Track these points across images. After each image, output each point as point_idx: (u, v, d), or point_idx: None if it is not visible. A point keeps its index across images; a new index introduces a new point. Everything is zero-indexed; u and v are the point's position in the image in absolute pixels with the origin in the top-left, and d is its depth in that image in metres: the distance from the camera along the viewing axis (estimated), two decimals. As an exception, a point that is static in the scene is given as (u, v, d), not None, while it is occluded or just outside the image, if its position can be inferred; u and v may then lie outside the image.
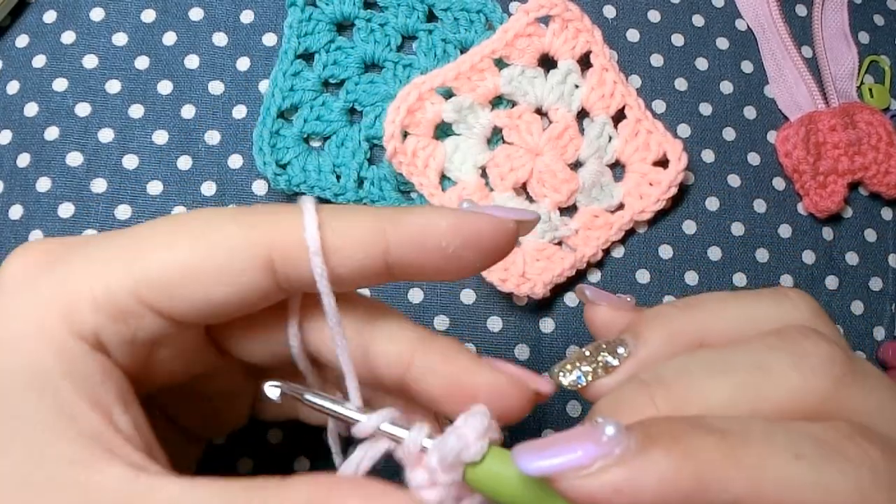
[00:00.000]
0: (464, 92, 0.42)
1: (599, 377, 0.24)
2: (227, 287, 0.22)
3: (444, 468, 0.22)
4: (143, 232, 0.22)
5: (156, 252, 0.22)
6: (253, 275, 0.22)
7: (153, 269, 0.21)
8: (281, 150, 0.41)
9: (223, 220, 0.22)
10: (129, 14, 0.44)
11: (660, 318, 0.25)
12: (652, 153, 0.43)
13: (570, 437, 0.20)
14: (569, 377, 0.25)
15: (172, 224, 0.23)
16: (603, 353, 0.25)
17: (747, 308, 0.24)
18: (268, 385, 0.23)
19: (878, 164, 0.45)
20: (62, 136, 0.42)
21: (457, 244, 0.23)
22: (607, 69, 0.43)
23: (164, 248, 0.22)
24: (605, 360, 0.25)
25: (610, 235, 0.42)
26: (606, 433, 0.19)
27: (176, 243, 0.22)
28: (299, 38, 0.43)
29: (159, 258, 0.22)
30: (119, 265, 0.22)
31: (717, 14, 0.47)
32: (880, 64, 0.48)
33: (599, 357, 0.25)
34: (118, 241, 0.22)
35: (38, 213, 0.41)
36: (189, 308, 0.22)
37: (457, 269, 0.24)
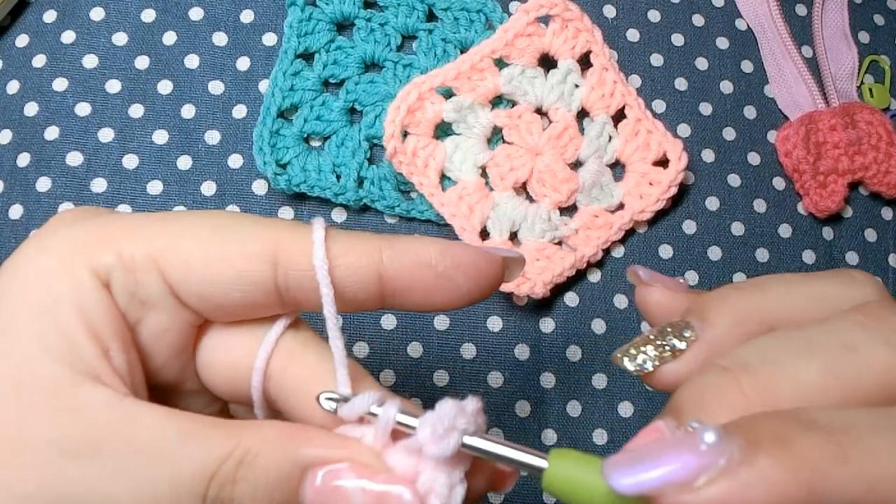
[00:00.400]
0: (464, 92, 0.42)
1: (666, 362, 0.23)
2: (231, 271, 0.23)
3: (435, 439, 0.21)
4: (173, 215, 0.24)
5: (182, 232, 0.23)
6: (259, 266, 0.23)
7: (177, 244, 0.23)
8: (281, 150, 0.41)
9: (242, 216, 0.24)
10: (129, 14, 0.44)
11: (726, 300, 0.24)
12: (652, 153, 0.43)
13: (663, 447, 0.18)
14: (634, 362, 0.24)
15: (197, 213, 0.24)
16: (669, 336, 0.23)
17: (815, 288, 0.24)
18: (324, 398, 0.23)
19: (879, 163, 0.45)
20: (62, 135, 0.42)
21: (447, 263, 0.24)
22: (607, 69, 0.43)
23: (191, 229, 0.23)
24: (671, 344, 0.23)
25: (610, 235, 0.42)
26: (706, 441, 0.18)
27: (201, 227, 0.23)
28: (299, 38, 0.43)
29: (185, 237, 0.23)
30: (147, 234, 0.23)
31: (717, 14, 0.47)
32: (880, 64, 0.48)
33: (665, 340, 0.23)
34: (150, 217, 0.24)
35: (38, 212, 0.41)
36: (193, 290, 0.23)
37: (446, 290, 0.24)
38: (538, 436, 0.40)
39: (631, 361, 0.24)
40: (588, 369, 0.41)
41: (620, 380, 0.41)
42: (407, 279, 0.24)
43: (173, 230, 0.23)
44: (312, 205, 0.42)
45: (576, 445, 0.40)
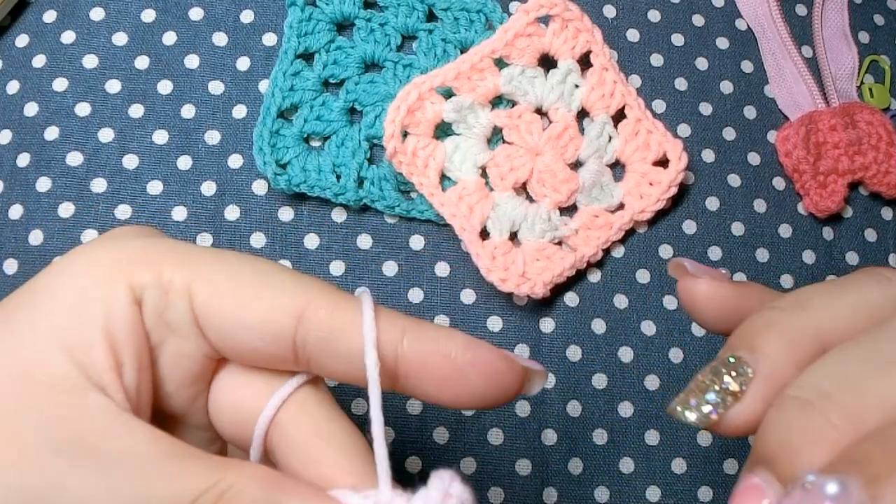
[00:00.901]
0: (464, 92, 0.42)
1: (729, 406, 0.22)
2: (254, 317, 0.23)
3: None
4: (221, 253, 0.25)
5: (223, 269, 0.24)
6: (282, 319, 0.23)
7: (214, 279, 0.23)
8: (281, 150, 0.41)
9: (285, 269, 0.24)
10: (129, 14, 0.44)
11: (773, 325, 0.23)
12: (652, 153, 0.43)
13: None
14: (696, 413, 0.22)
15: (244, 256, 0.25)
16: (724, 377, 0.22)
17: (856, 295, 0.23)
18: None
19: (879, 163, 0.45)
20: (62, 136, 0.42)
21: (466, 358, 0.23)
22: (607, 69, 0.43)
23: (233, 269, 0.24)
24: (728, 386, 0.22)
25: (610, 235, 0.42)
26: (829, 493, 0.17)
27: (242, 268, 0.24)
28: (299, 38, 0.43)
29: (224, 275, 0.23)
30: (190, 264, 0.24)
31: (717, 14, 0.47)
32: (880, 64, 0.48)
33: (723, 383, 0.22)
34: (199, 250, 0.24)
35: (38, 212, 0.41)
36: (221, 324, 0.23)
37: (460, 387, 0.24)
38: (538, 436, 0.40)
39: (694, 413, 0.22)
40: (588, 369, 0.41)
41: (620, 380, 0.41)
42: (423, 366, 0.24)
43: (215, 264, 0.24)
44: (312, 205, 0.42)
45: (576, 445, 0.40)
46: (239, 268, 0.24)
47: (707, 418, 0.22)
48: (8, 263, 0.40)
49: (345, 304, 0.23)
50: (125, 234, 0.25)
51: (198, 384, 0.25)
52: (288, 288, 0.23)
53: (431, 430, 0.40)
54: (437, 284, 0.41)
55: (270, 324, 0.23)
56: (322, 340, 0.23)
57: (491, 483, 0.39)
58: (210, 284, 0.23)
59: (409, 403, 0.40)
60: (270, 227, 0.41)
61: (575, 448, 0.40)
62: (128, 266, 0.23)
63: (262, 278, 0.23)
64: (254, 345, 0.23)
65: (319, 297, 0.23)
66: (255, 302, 0.23)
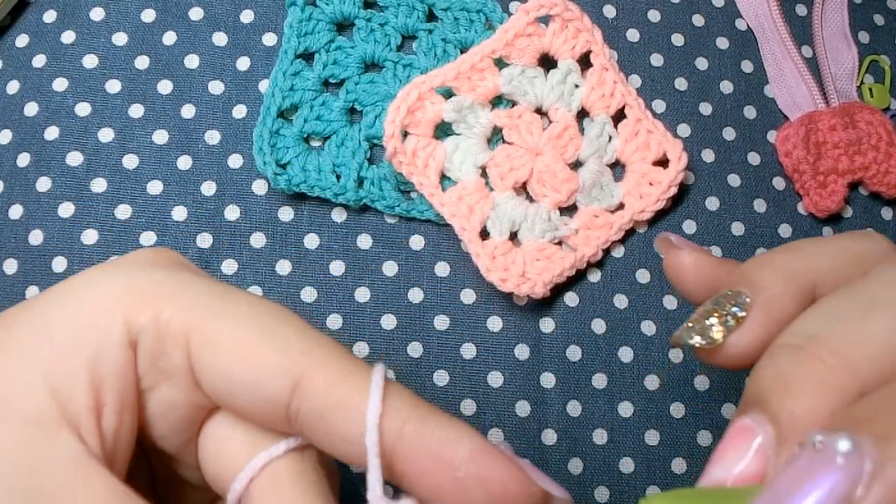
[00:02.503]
0: (464, 92, 0.42)
1: (732, 330, 0.22)
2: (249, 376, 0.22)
3: None
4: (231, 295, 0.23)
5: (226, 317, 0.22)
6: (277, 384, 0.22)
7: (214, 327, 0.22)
8: (281, 150, 0.41)
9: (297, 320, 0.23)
10: (129, 14, 0.44)
11: (769, 263, 0.23)
12: (652, 153, 0.43)
13: (800, 476, 0.17)
14: (704, 335, 0.23)
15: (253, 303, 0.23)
16: (725, 305, 0.23)
17: (844, 246, 0.24)
18: None
19: (879, 163, 0.45)
20: (62, 135, 0.42)
21: (471, 472, 0.21)
22: (607, 69, 0.43)
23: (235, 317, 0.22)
24: (731, 312, 0.22)
25: (610, 235, 0.42)
26: (842, 451, 0.17)
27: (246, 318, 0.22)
28: (299, 38, 0.43)
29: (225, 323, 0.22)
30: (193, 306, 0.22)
31: (717, 14, 0.47)
32: (880, 64, 0.48)
33: (724, 309, 0.23)
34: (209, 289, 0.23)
35: (38, 212, 0.41)
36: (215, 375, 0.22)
37: (458, 500, 0.21)
38: (538, 436, 0.40)
39: (700, 335, 0.23)
40: (588, 369, 0.41)
41: (620, 380, 0.41)
42: (419, 469, 0.21)
43: (220, 312, 0.22)
44: (312, 205, 0.42)
45: (576, 445, 0.40)
46: (244, 319, 0.22)
47: (712, 340, 0.22)
48: (8, 263, 0.40)
49: (345, 376, 0.22)
50: (139, 263, 0.23)
51: (191, 429, 0.24)
52: (290, 350, 0.22)
53: (431, 430, 0.39)
54: (437, 284, 0.41)
55: (265, 389, 0.21)
56: (315, 415, 0.21)
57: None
58: (209, 336, 0.22)
59: (409, 403, 0.40)
60: (270, 227, 0.41)
61: (575, 448, 0.40)
62: (128, 302, 0.22)
63: (265, 335, 0.22)
64: (246, 406, 0.22)
65: (321, 364, 0.22)
66: (252, 361, 0.21)
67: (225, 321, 0.22)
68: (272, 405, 0.22)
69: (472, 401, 0.40)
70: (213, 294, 0.23)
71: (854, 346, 0.20)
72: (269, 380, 0.21)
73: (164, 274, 0.23)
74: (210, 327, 0.22)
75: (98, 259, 0.40)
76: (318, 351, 0.22)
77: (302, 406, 0.21)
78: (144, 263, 0.23)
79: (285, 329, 0.22)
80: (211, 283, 0.23)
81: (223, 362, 0.22)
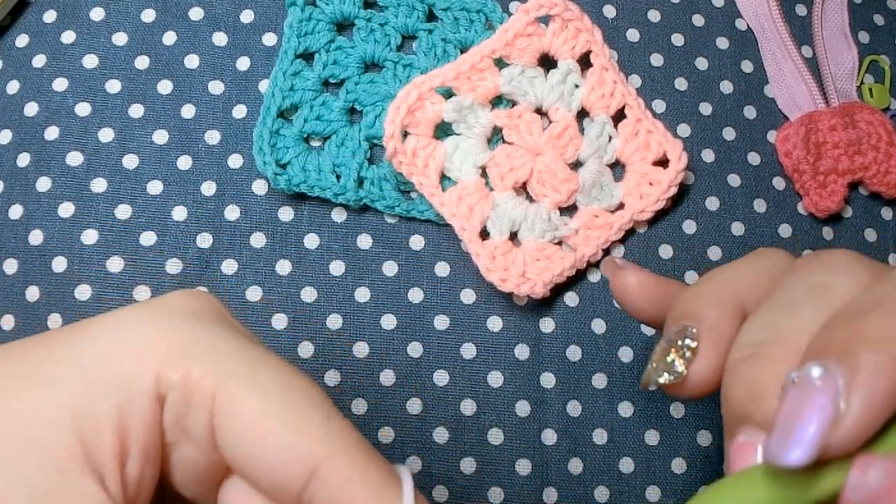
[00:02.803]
0: (464, 92, 0.42)
1: (691, 361, 0.25)
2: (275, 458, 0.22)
3: None
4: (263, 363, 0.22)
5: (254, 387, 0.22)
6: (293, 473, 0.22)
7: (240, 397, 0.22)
8: (281, 150, 0.41)
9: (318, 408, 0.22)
10: (129, 14, 0.44)
11: (701, 294, 0.26)
12: (652, 153, 0.43)
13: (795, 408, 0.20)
14: (668, 373, 0.25)
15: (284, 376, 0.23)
16: (677, 341, 0.25)
17: (757, 264, 0.27)
18: None
19: (879, 163, 0.45)
20: (62, 135, 0.42)
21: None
22: (607, 69, 0.43)
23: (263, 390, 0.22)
24: (686, 344, 0.25)
25: (610, 235, 0.42)
26: (816, 376, 0.20)
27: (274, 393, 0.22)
28: (299, 38, 0.43)
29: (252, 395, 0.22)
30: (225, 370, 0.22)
31: (717, 14, 0.47)
32: (880, 64, 0.48)
33: (680, 344, 0.25)
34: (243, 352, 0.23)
35: (38, 212, 0.41)
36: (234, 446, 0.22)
37: None
38: (538, 436, 0.40)
39: (667, 372, 0.25)
40: (588, 369, 0.41)
41: (620, 380, 0.41)
42: None
43: (248, 379, 0.22)
44: (312, 205, 0.42)
45: (576, 445, 0.40)
46: (272, 394, 0.22)
47: (678, 374, 0.25)
48: (8, 263, 0.40)
49: (364, 474, 0.21)
50: (179, 312, 0.23)
51: (212, 482, 0.24)
52: (312, 436, 0.21)
53: (431, 430, 0.40)
54: (437, 284, 0.41)
55: (281, 471, 0.21)
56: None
57: (491, 483, 0.39)
58: (234, 405, 0.21)
59: (409, 402, 0.40)
60: (270, 227, 0.41)
61: (575, 448, 0.40)
62: (162, 357, 0.22)
63: (290, 415, 0.21)
64: (260, 481, 0.22)
65: (341, 456, 0.21)
66: (272, 441, 0.21)
67: (252, 392, 0.22)
68: (286, 488, 0.22)
69: (472, 401, 0.40)
70: (247, 359, 0.22)
71: (795, 335, 0.23)
72: (287, 464, 0.21)
73: (202, 329, 0.23)
74: (237, 396, 0.21)
75: (98, 259, 0.40)
76: (340, 442, 0.22)
77: (316, 496, 0.21)
78: (185, 313, 0.23)
79: (310, 412, 0.22)
80: (246, 344, 0.23)
81: (244, 435, 0.21)
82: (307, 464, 0.21)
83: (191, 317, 0.23)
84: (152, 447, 0.22)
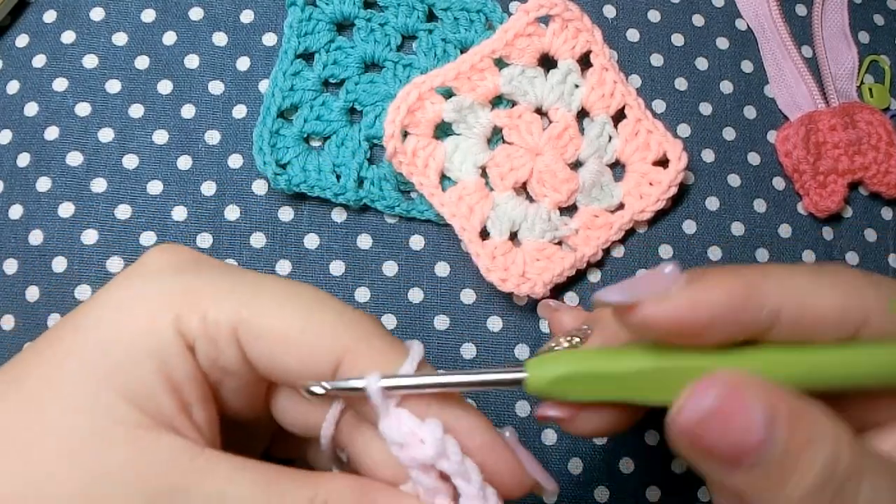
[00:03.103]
0: (464, 92, 0.42)
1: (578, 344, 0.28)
2: (303, 362, 0.24)
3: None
4: (263, 283, 0.25)
5: (266, 307, 0.24)
6: (321, 367, 0.24)
7: (257, 321, 0.23)
8: (281, 150, 0.41)
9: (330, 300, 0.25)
10: (129, 14, 0.44)
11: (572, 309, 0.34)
12: (652, 153, 0.43)
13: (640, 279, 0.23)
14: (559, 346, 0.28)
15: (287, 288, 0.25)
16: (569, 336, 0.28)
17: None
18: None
19: (878, 163, 0.45)
20: (62, 135, 0.42)
21: (476, 460, 0.24)
22: (607, 69, 0.43)
23: (275, 307, 0.24)
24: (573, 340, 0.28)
25: (610, 235, 0.42)
26: (667, 271, 0.23)
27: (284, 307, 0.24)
28: (299, 38, 0.43)
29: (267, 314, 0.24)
30: (233, 302, 0.24)
31: (717, 14, 0.47)
32: (880, 64, 0.48)
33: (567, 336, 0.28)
34: (240, 280, 0.25)
35: (38, 212, 0.41)
36: (266, 362, 0.24)
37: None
38: (538, 435, 0.40)
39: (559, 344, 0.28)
40: (588, 369, 0.41)
41: (620, 380, 0.41)
42: None
43: (260, 301, 0.24)
44: (312, 205, 0.42)
45: (575, 445, 0.40)
46: (283, 307, 0.24)
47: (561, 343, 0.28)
48: (8, 263, 0.40)
49: (384, 353, 0.24)
50: (163, 269, 0.25)
51: (259, 399, 0.26)
52: (329, 329, 0.24)
53: (431, 430, 0.40)
54: (437, 284, 0.41)
55: (312, 372, 0.24)
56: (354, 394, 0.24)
57: (491, 483, 0.39)
58: (254, 330, 0.23)
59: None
60: (270, 227, 0.41)
61: (575, 448, 0.40)
62: (172, 309, 0.23)
63: (306, 320, 0.24)
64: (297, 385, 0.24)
65: (359, 346, 0.24)
66: (298, 349, 0.23)
67: (266, 311, 0.24)
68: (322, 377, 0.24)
69: (472, 400, 0.40)
70: (247, 286, 0.24)
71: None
72: (315, 365, 0.24)
73: (193, 277, 0.24)
74: (253, 321, 0.23)
75: (98, 259, 0.40)
76: (355, 332, 0.24)
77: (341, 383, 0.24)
78: (168, 269, 0.24)
79: (322, 307, 0.24)
80: (236, 273, 0.25)
81: (271, 352, 0.23)
82: (331, 360, 0.24)
83: (177, 270, 0.25)
84: (205, 391, 0.24)
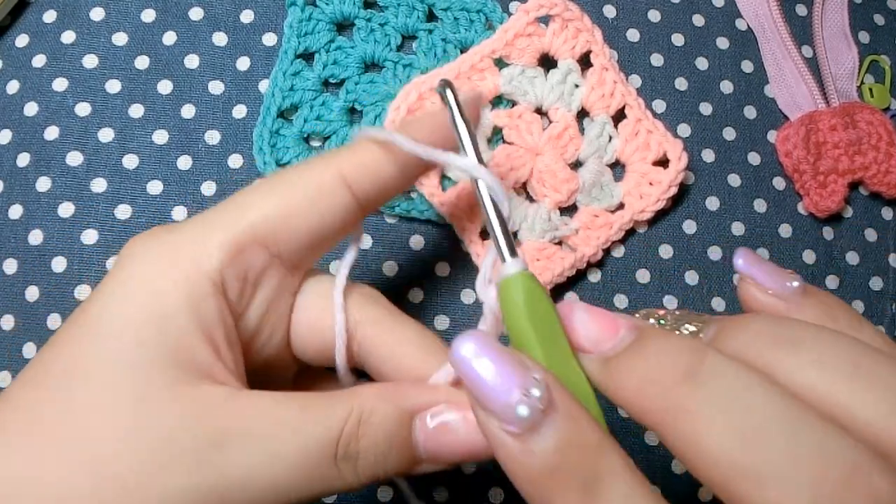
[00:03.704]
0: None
1: None
2: (319, 213, 0.27)
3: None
4: (246, 190, 0.27)
5: (262, 199, 0.27)
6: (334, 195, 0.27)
7: (262, 209, 0.26)
8: (281, 150, 0.41)
9: (311, 162, 0.28)
10: (129, 14, 0.44)
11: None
12: (652, 153, 0.43)
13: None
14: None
15: (272, 177, 0.28)
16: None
17: None
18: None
19: (879, 163, 0.45)
20: (62, 135, 0.42)
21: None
22: (607, 69, 0.43)
23: (269, 195, 0.27)
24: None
25: (610, 235, 0.42)
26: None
27: (275, 189, 0.27)
28: (299, 38, 0.43)
29: (265, 202, 0.26)
30: (234, 214, 0.26)
31: (717, 14, 0.47)
32: (880, 64, 0.48)
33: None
34: (227, 202, 0.27)
35: (38, 212, 0.41)
36: (291, 238, 0.27)
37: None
38: (538, 436, 0.40)
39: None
40: (588, 369, 0.41)
41: (620, 380, 0.41)
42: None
43: (257, 199, 0.26)
44: (312, 205, 0.42)
45: (576, 445, 0.40)
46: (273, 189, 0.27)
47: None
48: (8, 263, 0.40)
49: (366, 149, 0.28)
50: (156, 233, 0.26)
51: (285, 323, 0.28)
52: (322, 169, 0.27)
53: (431, 430, 0.39)
54: (437, 284, 0.41)
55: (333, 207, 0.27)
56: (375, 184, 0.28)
57: (491, 483, 0.39)
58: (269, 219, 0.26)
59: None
60: (270, 227, 0.41)
61: (575, 448, 0.40)
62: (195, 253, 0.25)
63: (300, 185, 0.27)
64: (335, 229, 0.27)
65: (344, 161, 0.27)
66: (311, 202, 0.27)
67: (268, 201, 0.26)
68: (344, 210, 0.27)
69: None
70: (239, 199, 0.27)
71: None
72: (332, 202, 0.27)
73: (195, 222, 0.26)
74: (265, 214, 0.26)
75: (98, 259, 0.40)
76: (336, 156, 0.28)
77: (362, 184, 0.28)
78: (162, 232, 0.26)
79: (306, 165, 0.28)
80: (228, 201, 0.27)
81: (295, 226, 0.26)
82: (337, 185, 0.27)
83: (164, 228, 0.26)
84: (231, 329, 0.25)
